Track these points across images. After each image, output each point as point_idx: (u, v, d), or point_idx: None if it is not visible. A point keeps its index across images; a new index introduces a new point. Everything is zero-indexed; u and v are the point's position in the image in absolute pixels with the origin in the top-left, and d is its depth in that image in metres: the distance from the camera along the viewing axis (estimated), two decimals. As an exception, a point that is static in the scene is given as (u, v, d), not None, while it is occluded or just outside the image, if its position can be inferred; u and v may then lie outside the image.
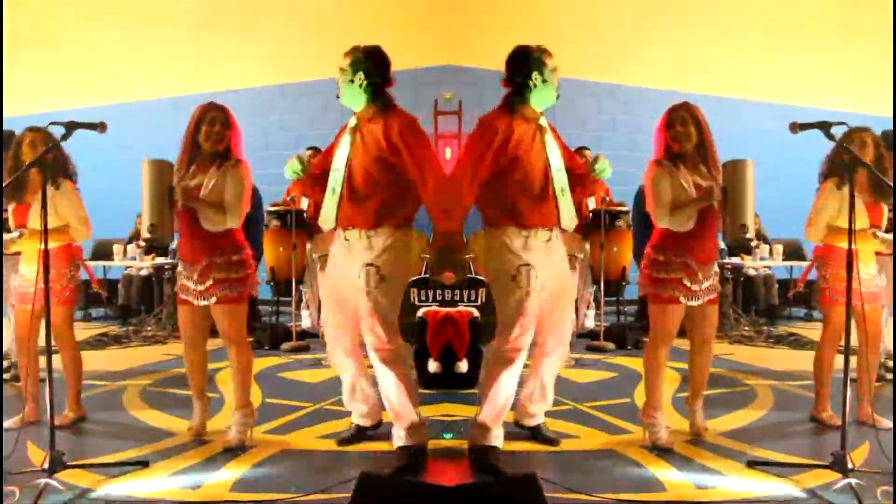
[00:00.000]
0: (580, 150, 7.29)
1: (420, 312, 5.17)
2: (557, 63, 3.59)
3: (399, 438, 3.68)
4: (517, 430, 3.93)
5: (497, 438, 3.65)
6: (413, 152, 3.48)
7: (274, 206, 7.08)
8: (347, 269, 3.62)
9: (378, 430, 3.97)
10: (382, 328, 3.57)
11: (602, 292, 6.72)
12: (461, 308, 5.25)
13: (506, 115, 3.54)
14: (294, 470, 3.52)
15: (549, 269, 3.58)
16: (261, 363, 5.99)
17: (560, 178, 3.60)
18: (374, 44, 3.66)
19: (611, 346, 6.62)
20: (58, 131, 3.36)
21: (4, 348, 5.28)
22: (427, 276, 5.66)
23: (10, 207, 4.18)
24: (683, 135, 3.68)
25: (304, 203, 7.10)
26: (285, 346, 6.67)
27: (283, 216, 6.79)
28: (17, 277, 4.23)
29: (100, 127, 3.37)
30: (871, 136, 4.04)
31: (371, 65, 3.59)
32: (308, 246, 7.02)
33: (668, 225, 3.68)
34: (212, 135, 3.77)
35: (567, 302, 3.88)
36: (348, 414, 4.03)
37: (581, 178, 3.73)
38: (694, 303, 3.76)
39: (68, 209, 4.08)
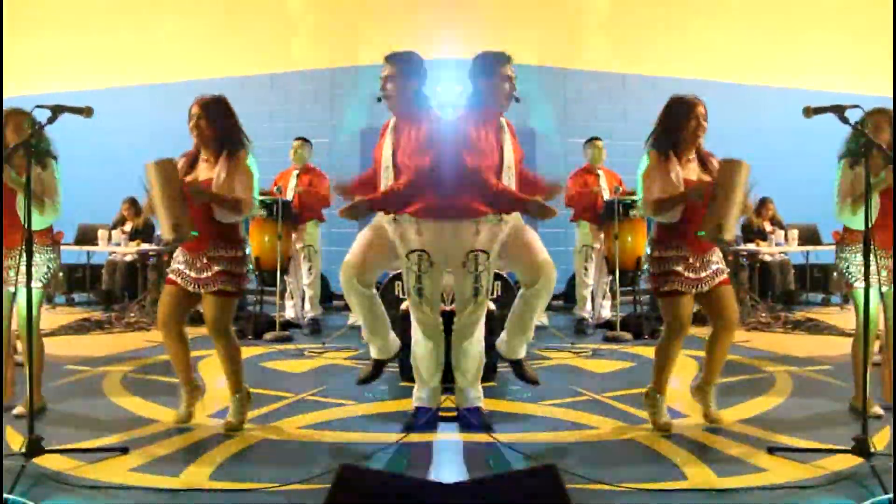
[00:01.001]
0: (592, 140, 7.32)
1: (404, 306, 5.17)
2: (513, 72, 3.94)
3: (419, 400, 4.06)
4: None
5: (478, 399, 4.02)
6: None
7: (260, 195, 7.05)
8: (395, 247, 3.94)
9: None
10: (428, 306, 3.92)
11: (617, 283, 6.77)
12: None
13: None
14: (275, 459, 3.52)
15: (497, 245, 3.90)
16: (243, 352, 5.96)
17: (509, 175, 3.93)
18: (409, 50, 4.01)
19: (627, 335, 6.64)
20: (43, 114, 3.33)
21: None
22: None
23: None
24: (702, 130, 3.78)
25: (290, 194, 7.12)
26: (268, 335, 6.67)
27: (270, 206, 6.78)
28: None
29: (86, 111, 3.35)
30: (888, 118, 3.92)
31: (416, 70, 3.97)
32: (293, 236, 7.03)
33: (652, 215, 3.82)
34: (196, 130, 3.86)
35: (527, 240, 3.94)
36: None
37: (524, 181, 4.04)
38: (701, 289, 3.81)
39: (52, 189, 4.00)
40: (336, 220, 7.65)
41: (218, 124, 3.87)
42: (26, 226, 3.27)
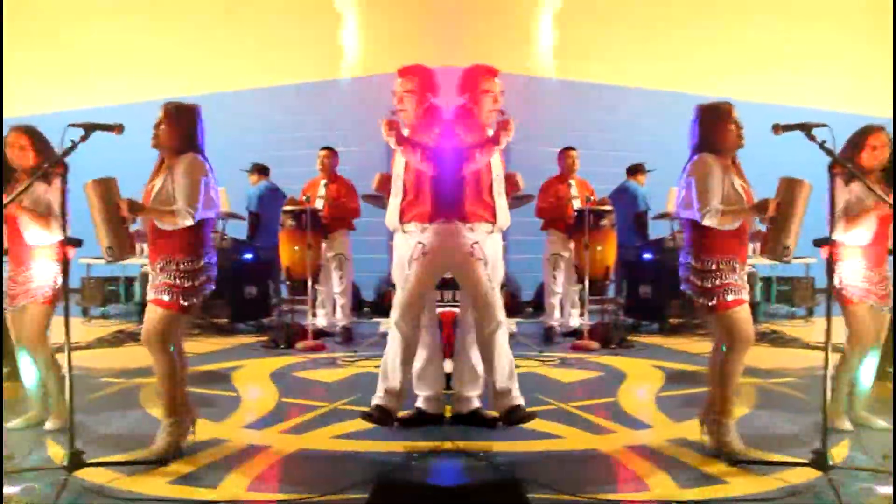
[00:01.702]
0: (566, 150, 7.33)
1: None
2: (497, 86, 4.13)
3: (377, 398, 4.08)
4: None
5: (518, 398, 4.02)
6: None
7: (289, 205, 7.11)
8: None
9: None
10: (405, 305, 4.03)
11: (587, 291, 6.73)
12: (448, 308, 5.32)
13: None
14: (310, 470, 3.53)
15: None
16: (276, 362, 6.04)
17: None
18: (420, 64, 4.21)
19: (595, 345, 6.61)
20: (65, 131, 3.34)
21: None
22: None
23: None
24: (742, 137, 3.63)
25: (319, 202, 7.15)
26: (300, 345, 6.70)
27: (298, 216, 6.82)
28: (10, 277, 4.06)
29: (116, 128, 3.39)
30: (886, 136, 3.88)
31: (432, 85, 4.17)
32: (323, 245, 7.06)
33: (714, 223, 3.47)
34: (154, 133, 3.68)
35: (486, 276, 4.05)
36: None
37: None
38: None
39: (55, 204, 3.95)
40: (366, 228, 7.72)
41: (176, 132, 3.67)
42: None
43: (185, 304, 3.63)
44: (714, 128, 3.62)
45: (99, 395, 5.01)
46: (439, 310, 5.20)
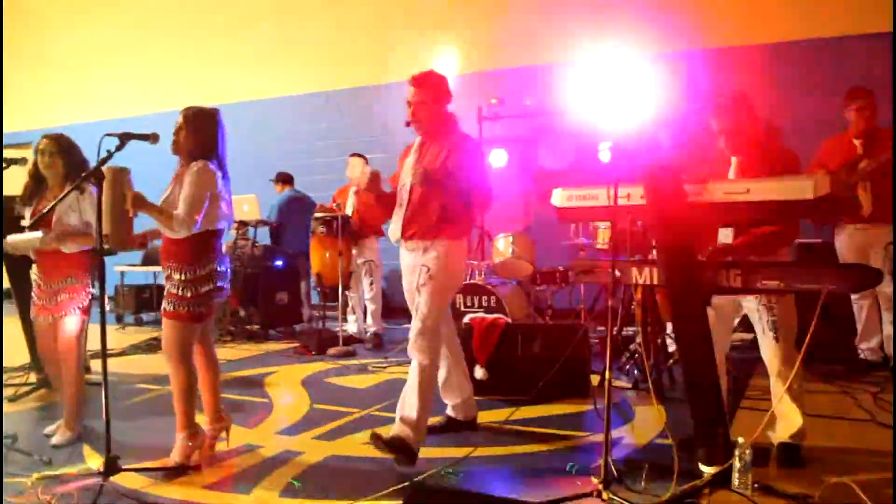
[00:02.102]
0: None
1: (466, 319, 5.19)
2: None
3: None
4: None
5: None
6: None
7: (320, 211, 7.15)
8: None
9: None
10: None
11: None
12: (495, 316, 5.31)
13: None
14: (343, 476, 3.54)
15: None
16: (308, 368, 6.06)
17: None
18: (432, 70, 4.01)
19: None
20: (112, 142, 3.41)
21: (16, 364, 5.42)
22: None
23: (28, 211, 4.12)
24: None
25: (350, 209, 7.19)
26: (332, 351, 6.72)
27: (329, 222, 6.85)
28: (37, 288, 4.10)
29: (152, 138, 3.45)
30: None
31: (445, 92, 4.01)
32: (354, 251, 7.08)
33: None
34: (173, 138, 3.66)
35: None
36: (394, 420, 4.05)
37: None
38: None
39: (91, 214, 4.03)
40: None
41: (195, 137, 3.64)
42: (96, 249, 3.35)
43: (193, 313, 3.58)
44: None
45: (133, 401, 5.06)
46: (469, 316, 5.23)
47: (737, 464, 3.14)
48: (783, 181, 2.93)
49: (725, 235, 3.53)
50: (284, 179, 8.78)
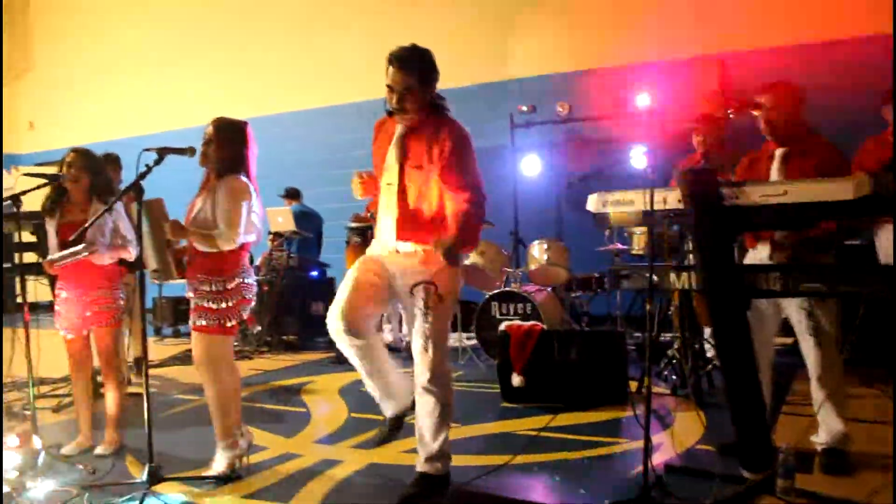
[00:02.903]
0: None
1: (502, 326, 5.18)
2: None
3: None
4: None
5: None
6: None
7: (355, 221, 7.18)
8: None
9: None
10: None
11: None
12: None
13: None
14: (382, 484, 3.55)
15: None
16: (345, 377, 6.08)
17: None
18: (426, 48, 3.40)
19: None
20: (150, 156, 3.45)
21: (58, 375, 5.56)
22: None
23: (52, 224, 4.14)
24: None
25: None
26: (368, 360, 6.72)
27: (364, 232, 6.88)
28: (62, 302, 4.11)
29: (189, 151, 3.50)
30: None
31: (434, 69, 3.39)
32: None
33: None
34: (203, 150, 3.63)
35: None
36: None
37: None
38: None
39: (123, 227, 4.12)
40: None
41: (225, 149, 3.62)
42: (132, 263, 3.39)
43: (223, 326, 3.60)
44: None
45: (172, 412, 5.12)
46: (505, 324, 5.21)
47: (780, 470, 3.10)
48: (822, 182, 2.88)
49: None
50: (292, 194, 8.92)
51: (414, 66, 3.25)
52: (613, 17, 8.16)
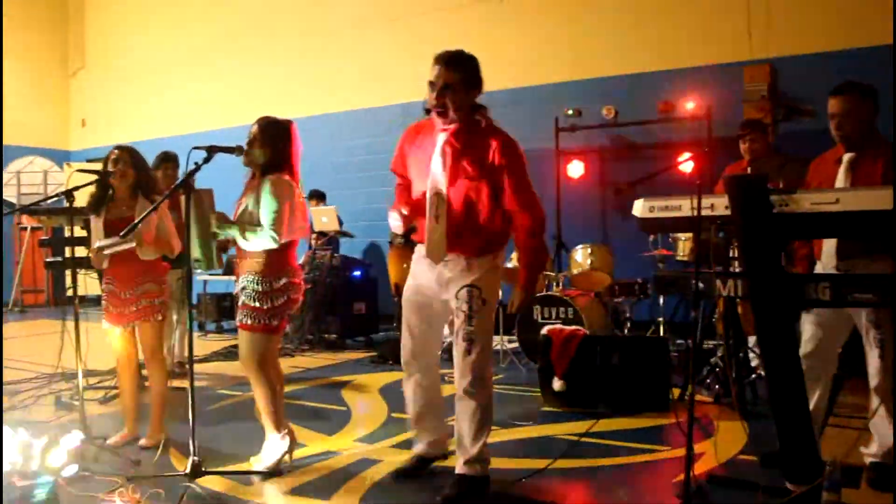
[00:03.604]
0: None
1: (544, 330, 5.16)
2: None
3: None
4: None
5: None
6: None
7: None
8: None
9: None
10: None
11: None
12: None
13: None
14: (422, 485, 3.55)
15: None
16: (386, 377, 6.11)
17: None
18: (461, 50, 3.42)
19: None
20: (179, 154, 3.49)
21: (106, 368, 5.68)
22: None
23: (99, 222, 4.16)
24: None
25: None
26: (408, 360, 6.73)
27: (406, 233, 6.89)
28: (108, 297, 4.16)
29: (237, 150, 3.55)
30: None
31: (479, 76, 3.43)
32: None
33: None
34: (247, 148, 3.66)
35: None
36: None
37: None
38: None
39: (163, 224, 4.16)
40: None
41: (269, 148, 3.66)
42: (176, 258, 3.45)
43: (269, 325, 3.63)
44: None
45: (214, 406, 5.19)
46: (547, 328, 5.18)
47: (825, 483, 3.04)
48: (875, 190, 2.82)
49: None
50: (318, 196, 8.97)
51: (459, 65, 3.27)
52: (660, 20, 8.08)
